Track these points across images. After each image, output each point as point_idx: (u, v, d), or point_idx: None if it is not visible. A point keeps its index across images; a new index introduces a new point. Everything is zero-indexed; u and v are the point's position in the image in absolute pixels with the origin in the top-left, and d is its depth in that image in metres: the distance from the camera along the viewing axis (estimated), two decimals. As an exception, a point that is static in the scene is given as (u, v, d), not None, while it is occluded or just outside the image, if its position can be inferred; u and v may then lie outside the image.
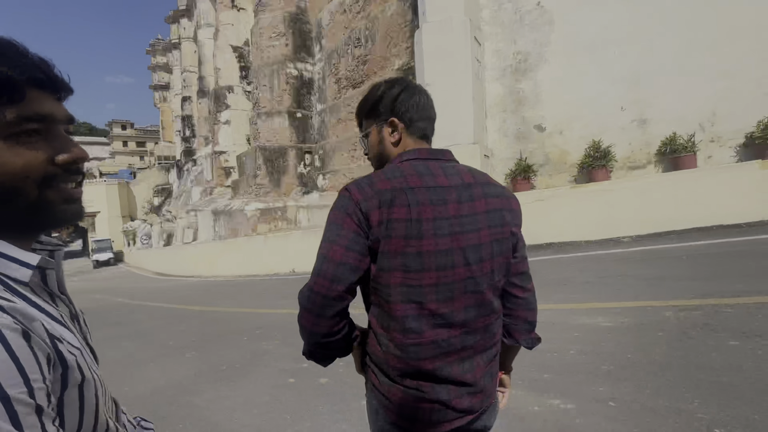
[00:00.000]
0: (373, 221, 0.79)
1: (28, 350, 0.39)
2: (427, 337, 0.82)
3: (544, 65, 7.68)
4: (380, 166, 0.98)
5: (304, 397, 2.85)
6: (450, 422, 0.86)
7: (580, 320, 3.39)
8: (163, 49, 40.49)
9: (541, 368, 2.67)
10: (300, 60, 13.65)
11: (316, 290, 0.81)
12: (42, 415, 0.38)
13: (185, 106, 28.90)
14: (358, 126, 1.03)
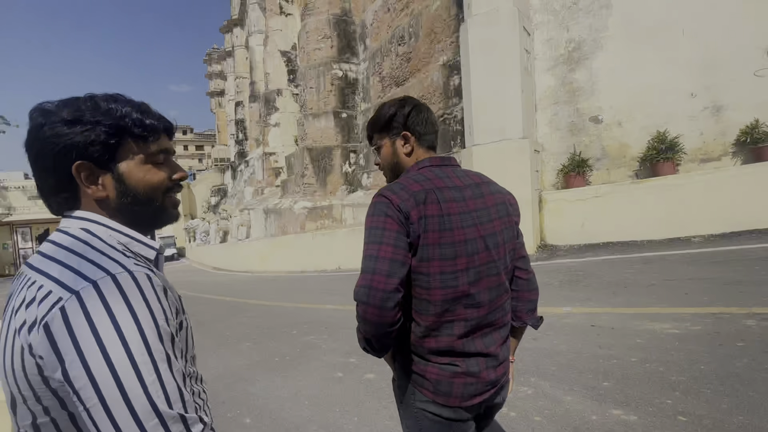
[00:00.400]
0: (413, 218, 0.92)
1: (166, 300, 0.60)
2: (460, 316, 0.96)
3: (601, 53, 7.17)
4: (394, 175, 1.11)
5: (352, 391, 2.92)
6: (481, 395, 0.99)
7: (644, 326, 3.15)
8: (218, 57, 43.10)
9: (598, 375, 2.52)
10: (344, 61, 13.90)
11: (375, 286, 0.89)
12: (173, 342, 0.59)
13: (238, 111, 30.56)
14: (368, 140, 1.17)
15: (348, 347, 3.93)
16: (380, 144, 1.11)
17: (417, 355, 0.99)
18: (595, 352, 2.82)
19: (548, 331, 3.38)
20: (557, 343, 3.10)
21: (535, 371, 2.70)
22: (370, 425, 2.40)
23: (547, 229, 7.27)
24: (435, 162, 1.05)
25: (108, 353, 0.50)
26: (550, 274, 5.44)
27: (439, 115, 9.74)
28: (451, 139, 9.38)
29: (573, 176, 7.18)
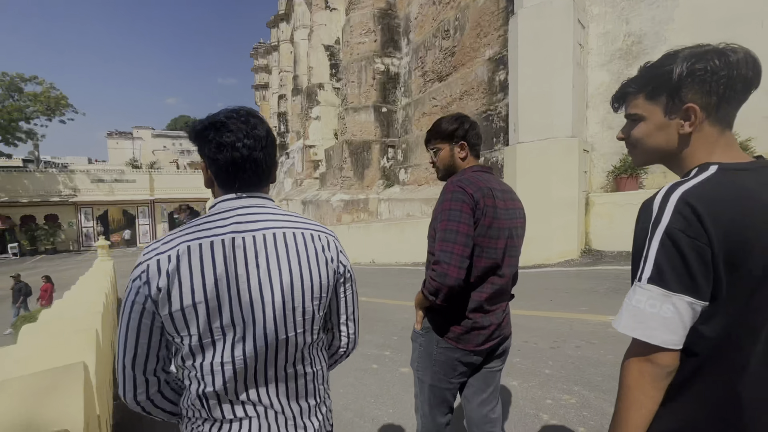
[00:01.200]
0: (480, 206, 1.28)
1: None
2: (490, 282, 1.35)
3: (664, 46, 6.66)
4: (447, 173, 1.47)
5: (386, 383, 2.94)
6: (491, 341, 1.39)
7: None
8: (264, 51, 44.49)
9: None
10: (387, 55, 13.88)
11: (456, 252, 1.23)
12: None
13: (281, 104, 31.47)
14: (427, 142, 1.51)
15: (382, 340, 3.95)
16: (440, 148, 1.46)
17: (449, 313, 1.35)
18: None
19: (592, 339, 3.22)
20: (603, 353, 2.95)
21: (579, 380, 2.58)
22: (404, 418, 2.41)
23: (593, 233, 6.91)
24: (483, 169, 1.43)
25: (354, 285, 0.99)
26: (595, 280, 5.18)
27: (482, 111, 9.50)
28: (494, 137, 9.13)
29: (625, 179, 6.76)
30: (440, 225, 1.27)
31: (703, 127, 0.74)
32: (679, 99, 0.74)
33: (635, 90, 0.80)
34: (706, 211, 0.63)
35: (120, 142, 65.21)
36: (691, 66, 0.72)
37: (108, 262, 9.56)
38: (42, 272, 18.35)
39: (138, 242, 31.41)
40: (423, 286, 1.33)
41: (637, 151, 0.85)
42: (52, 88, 27.07)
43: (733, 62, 0.71)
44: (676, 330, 0.65)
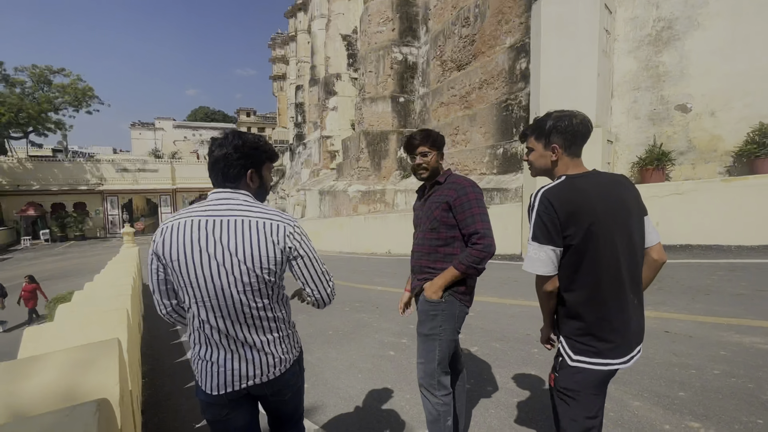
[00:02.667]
0: None
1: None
2: None
3: (696, 32, 6.36)
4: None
5: (403, 371, 2.97)
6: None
7: (729, 337, 2.84)
8: (281, 42, 44.58)
9: (672, 384, 2.32)
10: (405, 44, 13.71)
11: (491, 228, 1.65)
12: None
13: (298, 94, 31.55)
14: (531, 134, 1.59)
15: (399, 328, 3.99)
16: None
17: (464, 280, 1.69)
18: (668, 360, 2.60)
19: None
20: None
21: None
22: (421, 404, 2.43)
23: (615, 226, 6.73)
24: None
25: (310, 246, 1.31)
26: (617, 273, 5.07)
27: (502, 100, 9.32)
28: (514, 126, 8.96)
29: (650, 170, 6.54)
30: (474, 210, 1.63)
31: (562, 157, 1.30)
32: (548, 141, 1.31)
33: (530, 133, 1.38)
34: (555, 200, 1.19)
35: (143, 133, 66.85)
36: (554, 123, 1.30)
37: (134, 248, 9.90)
38: (72, 257, 19.15)
39: (160, 230, 32.39)
40: (460, 263, 1.61)
41: (532, 168, 1.39)
42: (78, 80, 27.92)
43: (575, 123, 1.29)
44: (548, 264, 1.22)
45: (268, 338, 1.20)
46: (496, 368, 2.81)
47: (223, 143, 1.18)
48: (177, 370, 3.46)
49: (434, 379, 1.70)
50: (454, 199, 1.64)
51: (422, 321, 1.74)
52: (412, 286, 1.87)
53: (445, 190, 1.70)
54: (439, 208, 1.68)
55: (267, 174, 1.29)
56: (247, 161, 1.20)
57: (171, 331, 4.83)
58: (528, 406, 2.28)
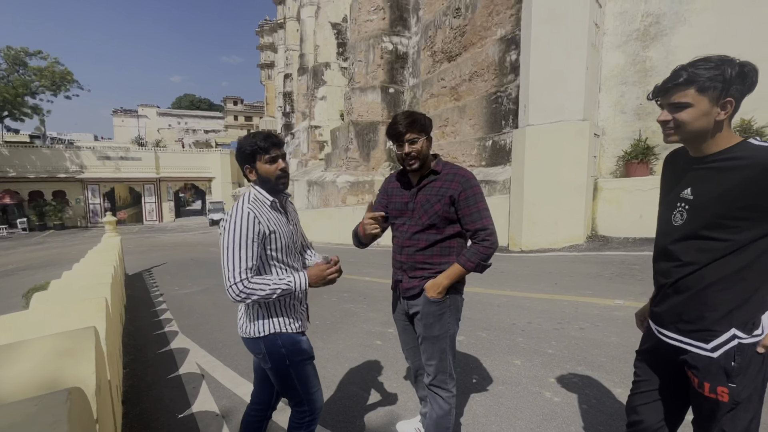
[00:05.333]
0: None
1: (253, 221, 1.38)
2: None
3: (683, 27, 6.44)
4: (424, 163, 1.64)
5: (391, 360, 2.97)
6: None
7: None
8: (269, 29, 43.63)
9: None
10: (396, 34, 13.55)
11: (495, 230, 1.58)
12: (254, 241, 1.37)
13: (286, 83, 31.02)
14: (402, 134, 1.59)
15: (386, 318, 3.99)
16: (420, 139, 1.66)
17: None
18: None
19: (597, 322, 3.23)
20: (607, 335, 2.96)
21: (582, 360, 2.60)
22: (409, 392, 2.44)
23: (600, 218, 6.86)
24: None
25: (227, 237, 1.35)
26: (601, 265, 5.17)
27: (491, 93, 9.31)
28: (503, 119, 8.98)
29: (635, 164, 6.65)
30: (480, 205, 1.56)
31: (729, 117, 1.01)
32: (725, 93, 0.98)
33: (685, 83, 1.01)
34: None
35: (125, 120, 65.05)
36: (740, 70, 0.97)
37: (115, 238, 9.66)
38: (51, 247, 18.62)
39: (144, 219, 31.70)
40: (468, 260, 1.54)
41: (680, 131, 1.06)
42: (56, 63, 26.87)
43: (752, 72, 0.99)
44: None
45: (244, 305, 1.50)
46: (482, 357, 2.83)
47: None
48: (160, 360, 3.40)
49: (446, 374, 1.64)
50: (459, 193, 1.54)
51: (430, 324, 1.61)
52: (403, 286, 1.68)
53: (447, 182, 1.57)
54: (440, 201, 1.55)
55: (264, 166, 1.44)
56: (243, 160, 1.46)
57: (154, 322, 4.74)
58: (513, 394, 2.31)
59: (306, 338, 1.55)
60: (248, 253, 1.34)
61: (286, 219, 1.53)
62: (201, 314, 4.87)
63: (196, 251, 13.50)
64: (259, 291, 1.33)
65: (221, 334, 3.97)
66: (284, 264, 1.48)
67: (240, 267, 1.32)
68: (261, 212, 1.40)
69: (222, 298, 5.69)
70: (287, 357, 1.45)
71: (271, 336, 1.45)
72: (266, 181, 1.45)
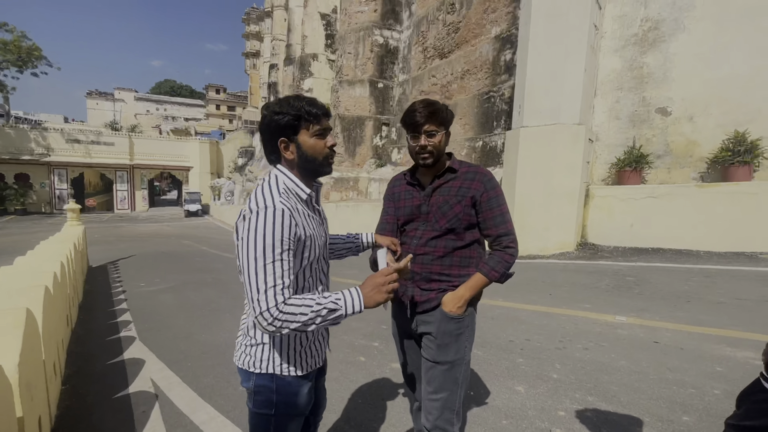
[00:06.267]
0: None
1: (289, 221, 0.97)
2: None
3: (681, 35, 6.33)
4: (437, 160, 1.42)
5: (376, 381, 2.63)
6: None
7: (721, 351, 2.69)
8: (256, 17, 42.40)
9: (674, 405, 2.11)
10: (387, 27, 13.17)
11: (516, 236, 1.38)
12: (289, 250, 0.97)
13: (272, 74, 30.12)
14: (420, 125, 1.35)
15: (371, 328, 3.64)
16: (439, 132, 1.40)
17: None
18: (664, 376, 2.41)
19: (602, 342, 2.97)
20: (614, 357, 2.69)
21: (593, 389, 2.31)
22: (399, 424, 2.10)
23: (590, 226, 6.70)
24: None
25: (252, 243, 0.95)
26: (595, 275, 4.96)
27: (484, 92, 9.07)
28: (494, 120, 8.75)
29: (628, 172, 6.52)
30: (503, 208, 1.35)
31: None
32: None
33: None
34: None
35: (100, 103, 62.20)
36: None
37: (78, 227, 8.93)
38: (8, 233, 17.39)
39: (115, 208, 30.24)
40: (492, 269, 1.33)
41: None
42: (23, 37, 25.17)
43: None
44: None
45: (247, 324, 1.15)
46: (478, 381, 2.52)
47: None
48: (108, 374, 2.94)
49: (453, 411, 1.35)
50: (481, 194, 1.33)
51: (445, 344, 1.35)
52: (415, 299, 1.41)
53: (468, 181, 1.36)
54: (461, 203, 1.34)
55: (310, 140, 1.08)
56: (276, 130, 1.07)
57: (110, 324, 4.23)
58: (519, 430, 2.00)
59: (310, 386, 1.15)
60: (284, 267, 0.95)
61: (320, 218, 1.18)
62: (164, 317, 4.39)
63: (169, 244, 12.78)
64: (294, 320, 0.92)
65: (184, 343, 3.53)
66: (312, 279, 1.13)
67: (274, 286, 0.93)
68: (294, 210, 1.01)
69: (190, 298, 5.21)
70: (275, 406, 1.10)
71: (266, 376, 1.08)
72: (309, 161, 1.08)
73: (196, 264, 8.29)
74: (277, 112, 1.05)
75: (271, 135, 1.07)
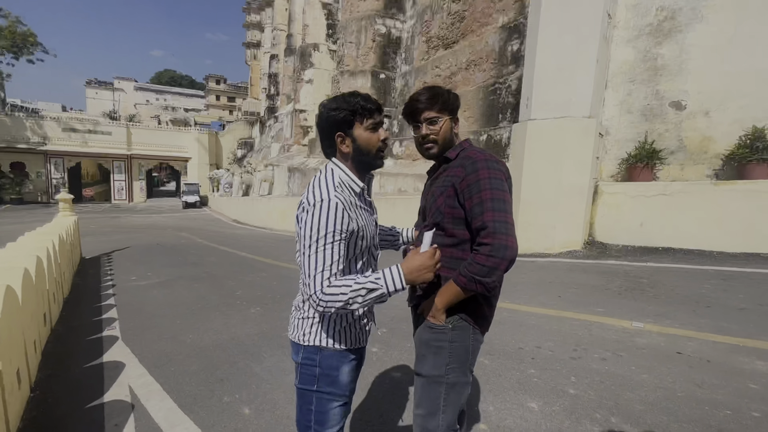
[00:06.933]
0: (509, 181, 1.20)
1: (341, 215, 1.03)
2: None
3: (699, 25, 6.02)
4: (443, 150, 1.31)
5: (376, 390, 2.40)
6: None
7: (751, 364, 2.46)
8: (257, 7, 41.67)
9: (709, 429, 1.88)
10: (389, 16, 12.80)
11: (511, 223, 1.09)
12: (341, 240, 1.04)
13: (272, 64, 29.69)
14: (419, 112, 1.27)
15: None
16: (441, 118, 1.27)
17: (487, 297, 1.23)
18: (693, 393, 2.18)
19: (619, 351, 2.74)
20: (635, 371, 2.46)
21: (615, 408, 2.08)
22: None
23: (598, 224, 6.45)
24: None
25: (308, 232, 1.03)
26: (605, 276, 4.73)
27: (489, 83, 8.77)
28: (500, 113, 8.46)
29: (639, 168, 6.25)
30: (484, 194, 1.10)
31: None
32: None
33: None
34: None
35: (99, 93, 61.55)
36: None
37: (70, 218, 8.69)
38: (3, 223, 17.15)
39: (113, 198, 29.95)
40: (459, 274, 1.11)
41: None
42: (18, 22, 24.70)
43: None
44: None
45: (297, 300, 1.23)
46: (489, 394, 2.29)
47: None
48: (84, 379, 2.71)
49: None
50: (460, 181, 1.16)
51: (422, 356, 1.26)
52: (412, 302, 1.36)
53: (453, 168, 1.22)
54: (443, 194, 1.20)
55: (365, 134, 1.13)
56: (334, 125, 1.13)
57: (94, 322, 4.01)
58: (534, 455, 1.77)
59: (353, 366, 1.21)
60: (334, 255, 1.03)
61: (370, 209, 1.23)
62: (151, 315, 4.16)
63: (165, 235, 12.55)
64: (336, 300, 1.00)
65: (170, 345, 3.30)
66: (364, 266, 1.20)
67: (323, 271, 1.02)
68: (348, 203, 1.08)
69: (180, 295, 4.98)
70: (317, 380, 1.16)
71: (312, 348, 1.16)
72: (364, 154, 1.14)
73: (190, 257, 8.07)
74: (333, 108, 1.11)
75: (329, 130, 1.13)
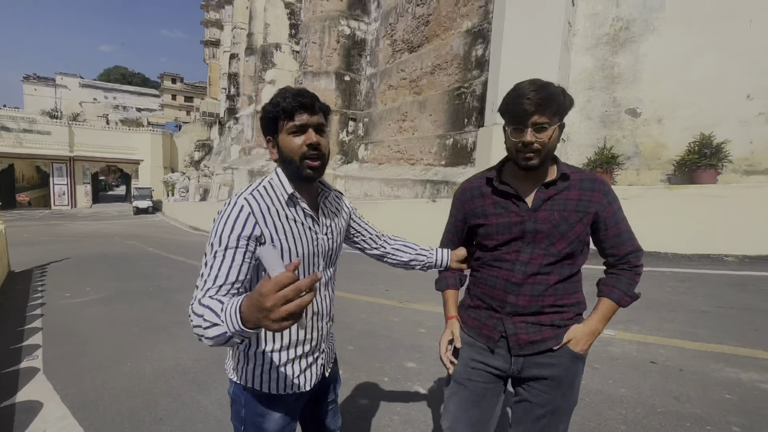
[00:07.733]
0: None
1: (245, 218, 0.89)
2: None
3: (651, 36, 6.30)
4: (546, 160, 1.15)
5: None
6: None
7: (723, 372, 2.44)
8: (216, 4, 40.10)
9: (692, 449, 1.79)
10: (354, 17, 12.60)
11: None
12: (236, 248, 0.87)
13: (232, 64, 28.55)
14: (532, 114, 1.05)
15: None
16: (550, 125, 1.05)
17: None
18: (672, 407, 2.11)
19: (594, 363, 2.65)
20: (613, 384, 2.37)
21: (597, 428, 1.96)
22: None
23: (562, 228, 6.56)
24: None
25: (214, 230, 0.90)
26: (571, 281, 4.74)
27: (454, 87, 8.77)
28: (465, 117, 8.47)
29: (599, 173, 6.43)
30: (626, 221, 1.14)
31: None
32: None
33: None
34: None
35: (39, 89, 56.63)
36: None
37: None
38: None
39: (53, 204, 27.47)
40: (625, 295, 1.13)
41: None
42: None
43: None
44: None
45: None
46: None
47: None
48: (-13, 427, 2.24)
49: None
50: (605, 208, 1.09)
51: (567, 391, 1.12)
52: (521, 338, 1.11)
53: (586, 192, 1.08)
54: (582, 221, 1.07)
55: (286, 138, 0.96)
56: (264, 130, 1.01)
57: (12, 350, 3.45)
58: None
59: (285, 411, 1.04)
60: (224, 265, 0.86)
61: (311, 224, 1.02)
62: (83, 339, 3.65)
63: (111, 244, 11.55)
64: (194, 323, 0.80)
65: (102, 376, 2.85)
66: None
67: (205, 282, 0.86)
68: (265, 208, 0.94)
69: (122, 313, 4.45)
70: (244, 423, 1.04)
71: (239, 386, 1.04)
72: (287, 162, 0.98)
73: (139, 268, 7.39)
74: (264, 107, 0.99)
75: (264, 134, 1.03)
